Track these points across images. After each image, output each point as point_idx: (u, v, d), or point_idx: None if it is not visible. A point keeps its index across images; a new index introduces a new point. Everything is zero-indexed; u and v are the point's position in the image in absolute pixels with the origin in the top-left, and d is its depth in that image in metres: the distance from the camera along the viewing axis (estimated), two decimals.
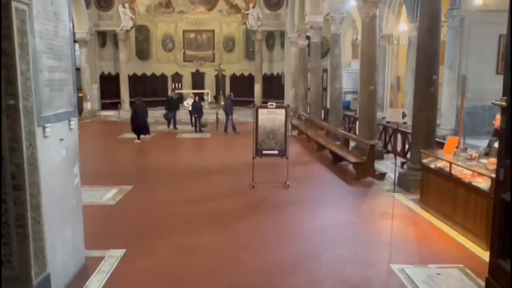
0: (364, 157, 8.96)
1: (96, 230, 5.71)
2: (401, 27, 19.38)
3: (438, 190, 6.40)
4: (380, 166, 9.73)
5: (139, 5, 25.13)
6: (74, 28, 21.52)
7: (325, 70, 21.55)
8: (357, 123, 13.81)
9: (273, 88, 25.54)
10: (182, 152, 12.74)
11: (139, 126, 13.93)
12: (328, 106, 17.48)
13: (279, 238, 5.71)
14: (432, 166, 6.62)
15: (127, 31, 23.98)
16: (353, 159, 9.25)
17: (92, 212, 6.31)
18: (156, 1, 26.30)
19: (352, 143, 11.19)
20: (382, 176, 8.81)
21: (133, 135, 14.19)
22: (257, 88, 25.07)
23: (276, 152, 8.31)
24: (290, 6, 21.71)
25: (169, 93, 22.95)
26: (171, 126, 17.76)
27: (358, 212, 7.00)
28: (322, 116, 17.31)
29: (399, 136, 10.68)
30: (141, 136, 14.18)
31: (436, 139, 8.23)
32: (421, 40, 7.92)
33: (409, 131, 11.02)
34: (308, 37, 18.08)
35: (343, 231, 6.06)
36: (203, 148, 13.88)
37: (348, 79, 23.13)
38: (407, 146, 10.02)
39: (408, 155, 9.85)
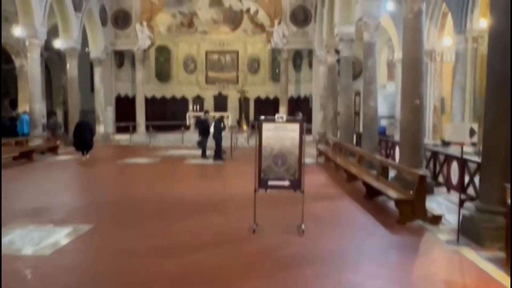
0: (411, 192, 6.53)
1: None
2: (445, 42, 17.03)
3: None
4: (431, 203, 7.24)
5: (160, 25, 23.90)
6: (88, 46, 20.36)
7: (357, 93, 19.32)
8: (397, 148, 11.38)
9: (300, 111, 23.30)
10: (182, 180, 10.59)
11: (83, 142, 14.12)
12: (361, 131, 15.17)
13: None
14: None
15: (145, 50, 22.69)
16: (394, 193, 6.83)
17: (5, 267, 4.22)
18: (178, 21, 24.95)
19: (392, 173, 8.77)
20: (437, 219, 6.34)
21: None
22: (283, 112, 22.90)
23: (286, 183, 6.02)
24: (318, 21, 19.73)
25: (202, 115, 19.95)
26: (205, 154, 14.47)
27: (408, 279, 4.56)
28: (354, 142, 14.91)
29: (454, 163, 8.14)
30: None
31: None
32: (495, 30, 5.59)
33: (470, 157, 8.59)
34: (337, 52, 15.93)
35: None
36: (207, 176, 11.70)
37: (383, 102, 20.61)
38: (467, 177, 7.51)
39: (471, 190, 7.35)
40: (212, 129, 14.31)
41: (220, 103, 26.01)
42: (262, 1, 22.50)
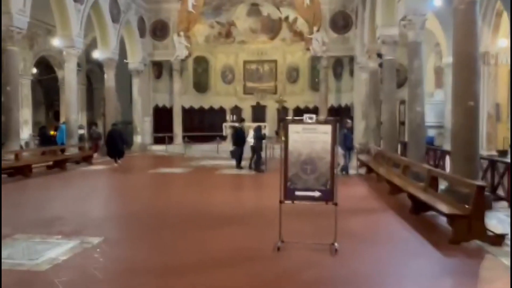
0: (467, 206, 5.52)
1: None
2: (500, 43, 15.59)
3: None
4: (490, 220, 6.18)
5: (197, 35, 23.80)
6: (127, 58, 20.48)
7: (402, 102, 18.14)
8: (447, 159, 10.25)
9: (342, 121, 22.29)
10: (210, 191, 9.93)
11: (115, 149, 14.76)
12: (405, 139, 14.04)
13: None
14: None
15: (182, 60, 22.55)
16: (446, 208, 5.83)
17: None
18: (216, 31, 24.78)
19: (442, 185, 7.71)
20: (498, 239, 5.30)
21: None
22: None
23: (316, 194, 5.21)
24: (360, 26, 18.80)
25: (236, 124, 18.55)
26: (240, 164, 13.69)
27: None
28: (399, 152, 13.79)
29: None
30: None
31: None
32: None
33: None
34: (380, 56, 14.95)
35: None
36: (238, 187, 11.03)
37: (431, 111, 19.22)
38: None
39: None
40: (250, 138, 13.65)
41: (258, 113, 25.41)
42: (301, 8, 21.79)
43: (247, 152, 13.88)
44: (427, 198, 6.62)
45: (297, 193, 5.24)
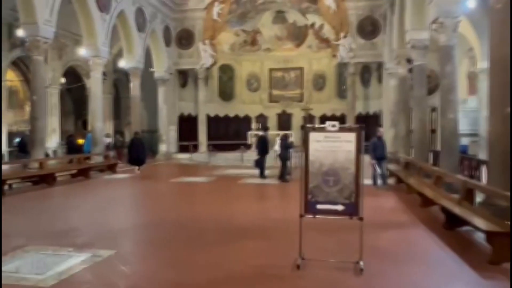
0: (507, 222, 5.00)
1: None
2: None
3: None
4: None
5: (223, 44, 23.74)
6: (152, 67, 20.58)
7: (433, 109, 17.40)
8: (483, 169, 9.59)
9: (370, 129, 21.59)
10: (231, 201, 9.61)
11: (136, 158, 15.14)
12: (437, 148, 13.37)
13: None
14: None
15: (207, 68, 22.52)
16: (484, 223, 5.32)
17: None
18: (241, 39, 24.68)
19: (478, 197, 7.14)
20: None
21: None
22: None
23: (340, 208, 4.81)
24: (388, 31, 18.24)
25: (261, 132, 16.96)
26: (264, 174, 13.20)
27: None
28: (431, 161, 13.14)
29: None
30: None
31: None
32: None
33: None
34: (409, 61, 14.37)
35: None
36: (260, 198, 10.66)
37: (464, 119, 18.38)
38: None
39: None
40: (277, 147, 13.26)
41: (284, 121, 25.06)
42: (327, 14, 21.40)
43: (270, 161, 13.54)
44: (462, 212, 6.10)
45: (319, 206, 4.85)
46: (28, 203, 9.45)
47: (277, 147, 13.48)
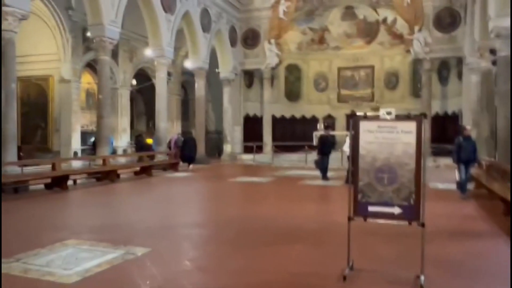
0: None
1: None
2: None
3: None
4: None
5: (289, 43, 23.24)
6: (218, 67, 20.66)
7: None
8: None
9: (448, 130, 19.86)
10: (285, 202, 8.96)
11: (188, 155, 16.23)
12: None
13: None
14: None
15: (273, 68, 22.15)
16: None
17: None
18: (308, 38, 23.96)
19: None
20: None
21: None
22: (426, 130, 19.75)
23: (396, 210, 4.06)
24: (469, 22, 16.54)
25: (322, 131, 17.25)
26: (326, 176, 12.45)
27: None
28: None
29: None
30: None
31: None
32: None
33: None
34: (493, 53, 12.81)
35: None
36: (316, 199, 9.89)
37: None
38: None
39: None
40: (346, 148, 11.92)
41: None
42: (401, 7, 19.99)
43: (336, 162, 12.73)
44: None
45: (371, 208, 4.14)
46: (84, 198, 9.66)
47: (345, 147, 12.29)
